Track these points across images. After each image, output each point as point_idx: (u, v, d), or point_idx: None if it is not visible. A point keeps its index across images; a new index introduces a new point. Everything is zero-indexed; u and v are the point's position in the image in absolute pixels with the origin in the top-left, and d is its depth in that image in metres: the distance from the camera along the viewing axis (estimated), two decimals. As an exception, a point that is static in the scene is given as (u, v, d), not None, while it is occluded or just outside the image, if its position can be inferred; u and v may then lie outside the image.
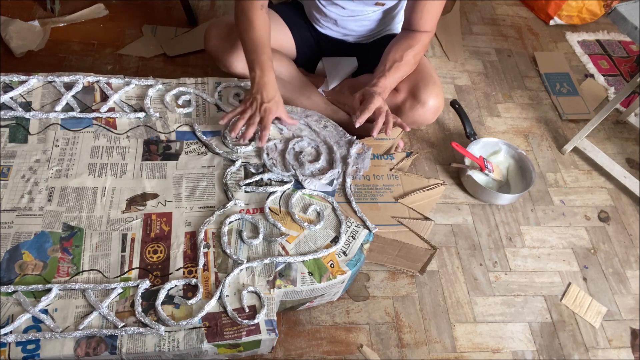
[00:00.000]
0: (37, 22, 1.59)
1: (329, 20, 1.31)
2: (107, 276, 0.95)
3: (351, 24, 1.32)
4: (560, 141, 1.66)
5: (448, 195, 1.46)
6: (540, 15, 2.10)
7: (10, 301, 0.90)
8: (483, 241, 1.38)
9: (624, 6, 1.32)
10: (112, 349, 0.87)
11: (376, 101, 1.11)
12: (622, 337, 1.27)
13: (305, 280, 1.00)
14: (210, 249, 1.00)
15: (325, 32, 1.37)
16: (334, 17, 1.29)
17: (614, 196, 1.55)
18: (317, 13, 1.32)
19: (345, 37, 1.38)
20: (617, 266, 1.39)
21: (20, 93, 1.16)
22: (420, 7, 1.18)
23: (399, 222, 1.12)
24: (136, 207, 1.04)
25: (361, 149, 1.19)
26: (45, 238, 0.97)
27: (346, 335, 1.15)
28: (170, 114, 1.19)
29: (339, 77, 1.38)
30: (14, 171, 1.05)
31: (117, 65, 1.58)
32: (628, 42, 2.06)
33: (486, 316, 1.24)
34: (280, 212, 1.07)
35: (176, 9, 1.76)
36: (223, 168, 1.12)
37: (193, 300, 0.93)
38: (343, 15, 1.28)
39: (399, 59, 1.18)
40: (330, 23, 1.33)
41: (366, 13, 1.27)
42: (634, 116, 1.75)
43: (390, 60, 1.18)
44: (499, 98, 1.76)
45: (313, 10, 1.32)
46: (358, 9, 1.26)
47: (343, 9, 1.26)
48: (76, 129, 1.13)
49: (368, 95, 1.13)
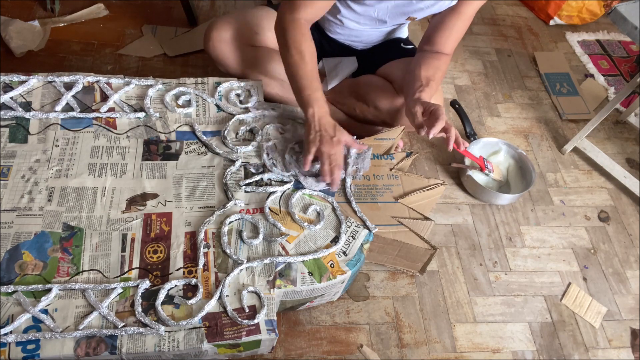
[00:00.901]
0: (37, 22, 1.59)
1: (345, 29, 1.29)
2: (107, 276, 0.95)
3: (367, 34, 1.31)
4: (560, 141, 1.66)
5: (448, 195, 1.46)
6: (540, 15, 2.10)
7: (10, 301, 0.89)
8: (483, 241, 1.38)
9: (624, 6, 1.32)
10: (112, 349, 0.87)
11: (443, 111, 1.07)
12: (622, 337, 1.27)
13: (305, 280, 1.00)
14: (210, 249, 1.00)
15: (334, 37, 1.35)
16: (354, 27, 1.27)
17: (614, 196, 1.55)
18: (334, 22, 1.29)
19: (353, 44, 1.37)
20: (617, 266, 1.39)
21: (20, 93, 1.16)
22: (449, 27, 1.17)
23: (399, 222, 1.12)
24: (136, 207, 1.04)
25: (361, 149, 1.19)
26: (45, 238, 0.97)
27: (346, 335, 1.15)
28: (170, 114, 1.19)
29: (339, 77, 1.38)
30: (14, 171, 1.05)
31: (117, 65, 1.58)
32: (628, 42, 2.06)
33: (486, 316, 1.24)
34: (280, 212, 1.07)
35: (176, 9, 1.76)
36: (223, 168, 1.12)
37: (193, 300, 0.93)
38: (364, 27, 1.27)
39: (432, 78, 1.16)
40: (346, 31, 1.30)
41: (390, 25, 1.27)
42: (634, 116, 1.75)
43: (424, 77, 1.15)
44: (499, 98, 1.76)
45: (330, 18, 1.28)
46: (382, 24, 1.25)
47: (367, 24, 1.24)
48: (76, 129, 1.13)
49: (433, 107, 1.07)
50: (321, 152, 1.06)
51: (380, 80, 1.34)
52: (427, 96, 1.14)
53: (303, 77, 1.08)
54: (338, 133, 1.07)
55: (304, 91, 1.08)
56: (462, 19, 1.16)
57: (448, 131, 1.06)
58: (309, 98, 1.07)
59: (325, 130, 1.06)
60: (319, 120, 1.07)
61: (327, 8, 1.14)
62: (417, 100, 1.11)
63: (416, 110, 1.08)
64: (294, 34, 1.08)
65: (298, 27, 1.08)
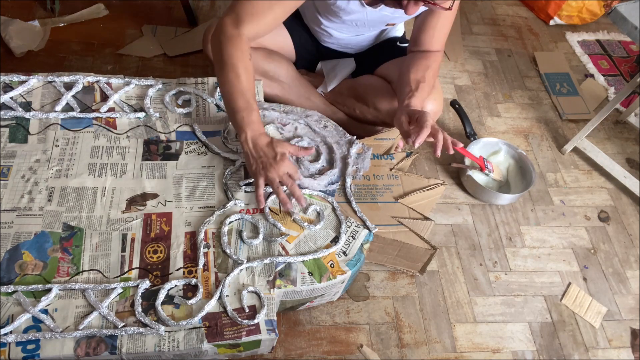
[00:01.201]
0: (37, 22, 1.59)
1: (332, 37, 1.30)
2: (107, 276, 0.95)
3: (355, 41, 1.32)
4: (560, 141, 1.66)
5: (448, 195, 1.46)
6: (540, 15, 2.10)
7: (10, 301, 0.90)
8: (483, 241, 1.38)
9: (624, 6, 1.32)
10: (112, 349, 0.87)
11: (429, 118, 1.04)
12: (622, 337, 1.27)
13: (305, 280, 1.00)
14: (210, 249, 1.00)
15: (327, 46, 1.37)
16: (340, 37, 1.28)
17: (614, 196, 1.55)
18: (321, 33, 1.30)
19: (345, 50, 1.38)
20: (617, 266, 1.39)
21: (20, 93, 1.16)
22: (431, 26, 1.17)
23: (399, 222, 1.12)
24: (136, 207, 1.04)
25: (361, 149, 1.19)
26: (45, 238, 0.97)
27: (346, 335, 1.15)
28: (170, 114, 1.19)
29: (338, 78, 1.38)
30: (14, 171, 1.05)
31: (117, 65, 1.58)
32: (628, 42, 2.06)
33: (486, 316, 1.24)
34: (280, 212, 1.07)
35: (176, 9, 1.76)
36: (223, 168, 1.12)
37: (193, 300, 0.93)
38: (349, 35, 1.28)
39: (422, 79, 1.14)
40: (335, 40, 1.32)
41: (373, 32, 1.27)
42: (634, 116, 1.75)
43: (413, 80, 1.14)
44: (499, 98, 1.76)
45: (316, 29, 1.30)
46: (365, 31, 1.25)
47: (351, 32, 1.25)
48: (76, 129, 1.13)
49: (418, 115, 1.05)
50: (270, 179, 1.01)
51: (379, 81, 1.34)
52: (417, 100, 1.12)
53: (237, 97, 1.00)
54: (278, 148, 1.01)
55: (238, 114, 1.01)
56: (444, 16, 1.15)
57: (435, 137, 1.04)
58: (242, 122, 1.00)
59: (264, 153, 1.00)
60: (254, 145, 1.01)
61: (272, 27, 1.08)
62: (403, 109, 1.10)
63: (402, 120, 1.07)
64: (232, 50, 1.00)
65: (238, 43, 1.00)
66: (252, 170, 1.03)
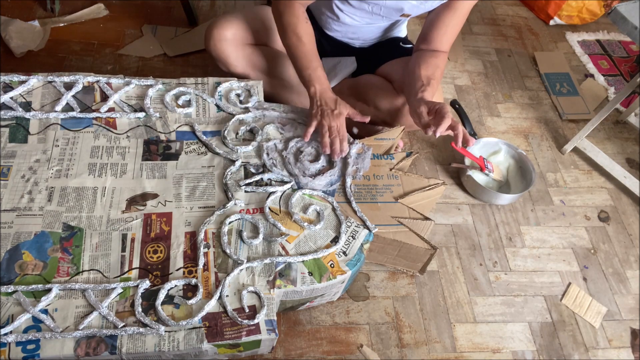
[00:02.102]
0: (37, 22, 1.59)
1: (341, 24, 1.29)
2: (107, 276, 0.95)
3: (363, 30, 1.31)
4: (560, 141, 1.66)
5: (448, 195, 1.46)
6: (540, 15, 2.10)
7: (10, 301, 0.89)
8: (483, 241, 1.38)
9: (624, 6, 1.32)
10: (112, 349, 0.87)
11: (448, 109, 1.08)
12: (622, 337, 1.27)
13: (305, 280, 1.00)
14: (210, 249, 1.00)
15: (331, 34, 1.35)
16: (350, 22, 1.28)
17: (614, 196, 1.55)
18: (330, 17, 1.29)
19: (351, 41, 1.37)
20: (617, 266, 1.39)
21: (20, 93, 1.16)
22: (445, 23, 1.18)
23: (399, 222, 1.12)
24: (136, 207, 1.04)
25: (361, 149, 1.19)
26: (45, 238, 0.97)
27: (346, 335, 1.15)
28: (170, 114, 1.19)
29: (338, 77, 1.38)
30: (14, 171, 1.05)
31: (117, 65, 1.58)
32: (628, 42, 2.06)
33: (486, 316, 1.24)
34: (280, 212, 1.07)
35: (176, 9, 1.76)
36: (223, 168, 1.12)
37: (193, 300, 0.93)
38: (360, 22, 1.27)
39: (432, 77, 1.18)
40: (342, 27, 1.31)
41: (385, 22, 1.27)
42: (634, 116, 1.75)
43: (424, 76, 1.17)
44: (499, 98, 1.76)
45: (326, 13, 1.29)
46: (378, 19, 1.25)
47: (363, 18, 1.25)
48: (76, 129, 1.13)
49: (438, 106, 1.08)
50: (321, 124, 1.12)
51: (380, 80, 1.34)
52: (429, 95, 1.14)
53: (302, 57, 1.13)
54: (339, 106, 1.12)
55: (305, 71, 1.13)
56: (457, 15, 1.17)
57: (455, 129, 1.08)
58: (310, 77, 1.13)
59: (326, 104, 1.12)
60: (321, 96, 1.13)
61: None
62: (420, 100, 1.12)
63: (422, 110, 1.10)
64: (289, 17, 1.12)
65: (293, 10, 1.12)
66: (311, 113, 1.14)
